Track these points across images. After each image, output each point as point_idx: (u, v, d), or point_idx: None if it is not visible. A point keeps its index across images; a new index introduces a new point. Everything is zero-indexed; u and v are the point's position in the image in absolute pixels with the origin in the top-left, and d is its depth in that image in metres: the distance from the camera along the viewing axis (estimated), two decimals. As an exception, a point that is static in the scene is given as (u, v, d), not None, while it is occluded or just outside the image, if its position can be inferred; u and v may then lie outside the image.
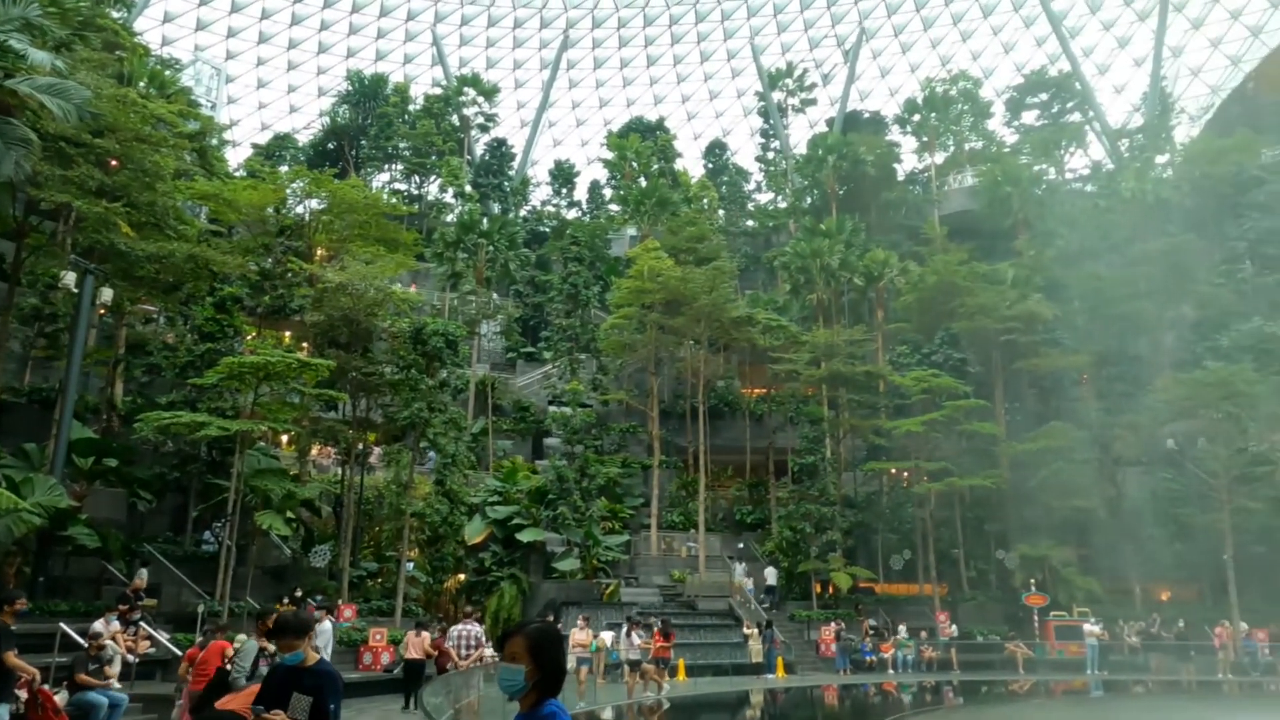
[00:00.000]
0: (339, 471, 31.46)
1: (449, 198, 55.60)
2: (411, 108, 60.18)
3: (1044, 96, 57.85)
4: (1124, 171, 48.18)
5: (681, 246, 43.17)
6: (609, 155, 57.97)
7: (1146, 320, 41.00)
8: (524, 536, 32.29)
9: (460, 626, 20.13)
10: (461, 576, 32.29)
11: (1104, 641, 32.25)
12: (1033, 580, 35.40)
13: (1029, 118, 58.17)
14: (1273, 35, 58.86)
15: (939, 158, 55.41)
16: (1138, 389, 39.01)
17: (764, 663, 28.88)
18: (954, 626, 34.34)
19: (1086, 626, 32.28)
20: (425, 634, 19.39)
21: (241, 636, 13.09)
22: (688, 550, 37.90)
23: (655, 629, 23.09)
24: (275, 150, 56.40)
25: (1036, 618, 34.47)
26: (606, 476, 37.10)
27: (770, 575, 35.83)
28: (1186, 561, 36.11)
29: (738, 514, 41.42)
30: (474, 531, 32.24)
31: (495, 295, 48.13)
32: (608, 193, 61.16)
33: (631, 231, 54.34)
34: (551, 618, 28.51)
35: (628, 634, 23.49)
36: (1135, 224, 44.16)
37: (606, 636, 23.65)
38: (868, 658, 31.90)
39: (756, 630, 29.72)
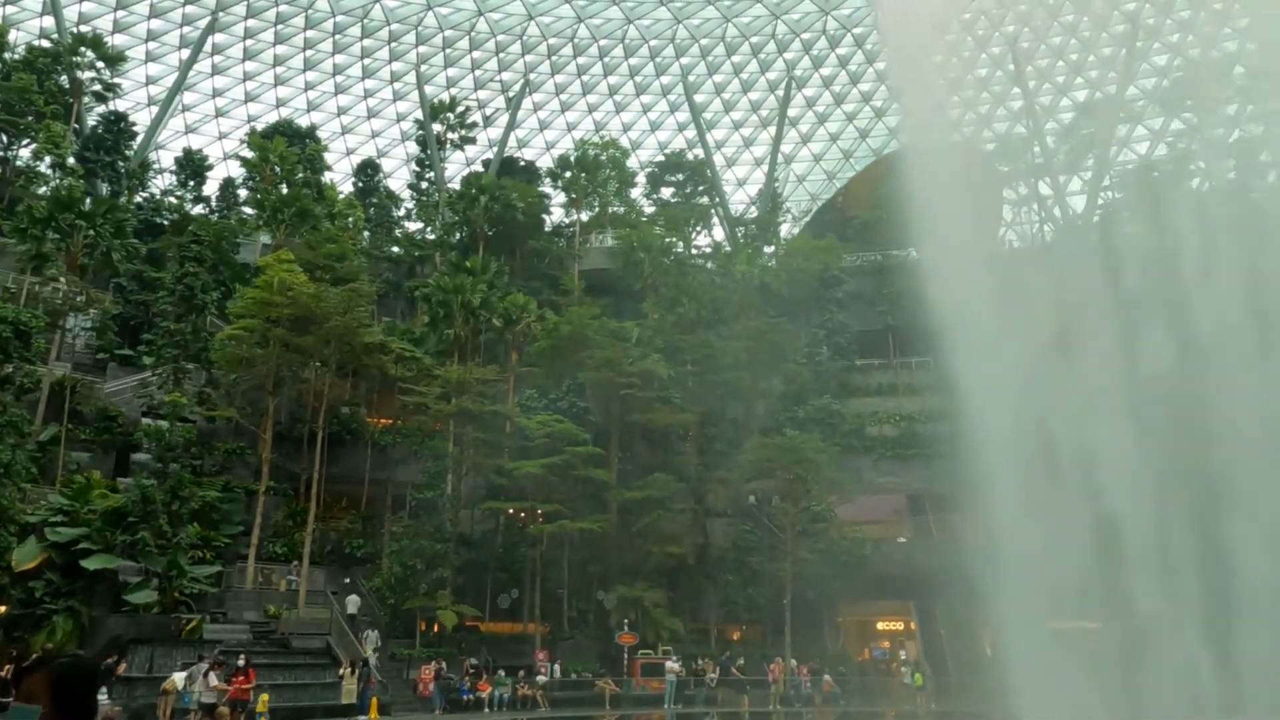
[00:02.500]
0: None
1: (44, 167, 48.09)
2: (8, 55, 51.48)
3: (680, 177, 63.61)
4: (738, 255, 54.27)
5: (319, 262, 41.07)
6: (249, 154, 53.85)
7: (744, 389, 46.21)
8: (91, 564, 28.14)
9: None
10: (2, 608, 27.36)
11: (681, 678, 35.18)
12: (626, 620, 37.75)
13: (666, 193, 63.54)
14: (861, 160, 70.25)
15: (584, 215, 58.51)
16: (731, 448, 43.75)
17: (357, 703, 27.72)
18: (541, 668, 35.44)
19: (668, 664, 35.03)
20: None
21: None
22: (287, 584, 35.50)
23: (236, 669, 21.27)
24: None
25: (626, 655, 36.77)
26: (203, 500, 33.75)
27: (352, 604, 34.64)
28: (755, 604, 40.79)
29: (348, 547, 39.65)
30: (26, 556, 27.51)
31: (90, 287, 42.21)
32: (243, 194, 56.63)
33: (265, 239, 50.68)
34: (115, 657, 25.15)
35: (206, 674, 21.39)
36: (743, 302, 49.89)
37: (179, 678, 21.34)
38: (465, 696, 31.90)
39: (351, 669, 28.49)
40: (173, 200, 55.10)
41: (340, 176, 65.34)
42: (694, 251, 57.99)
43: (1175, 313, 25.47)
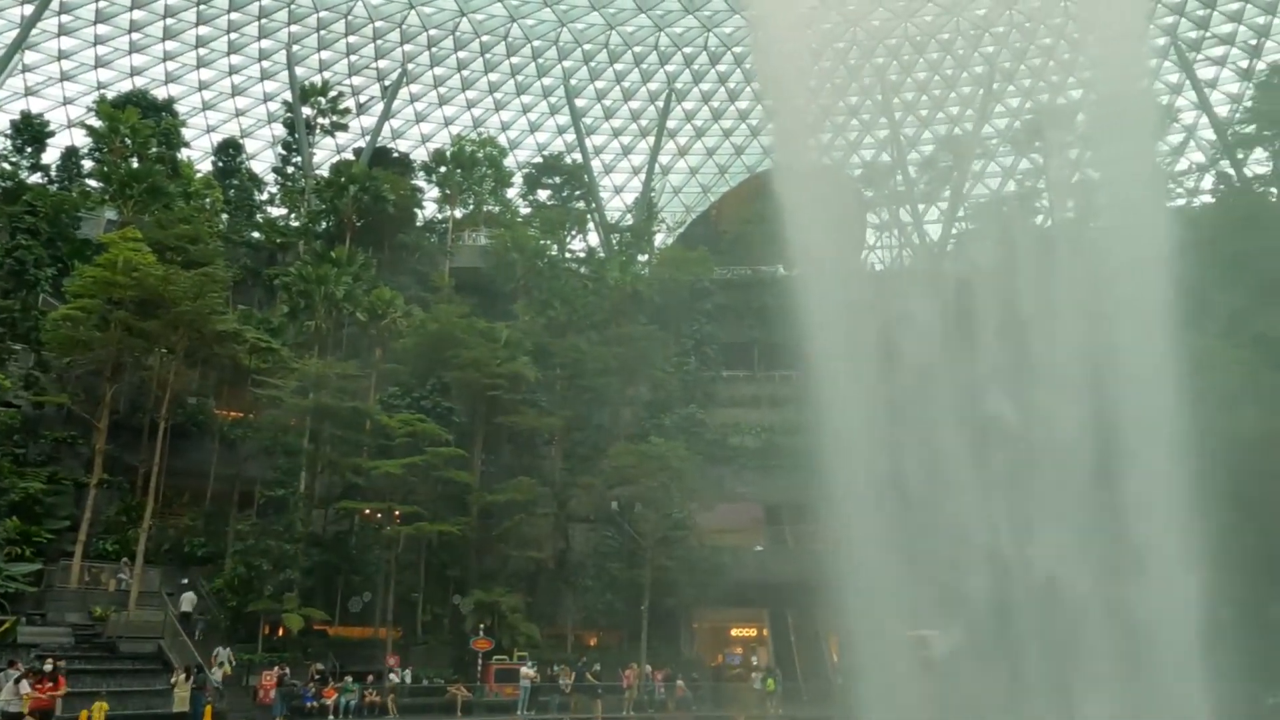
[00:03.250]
0: None
1: None
2: None
3: (558, 180, 63.31)
4: (612, 262, 54.45)
5: (170, 243, 38.65)
6: (97, 123, 50.14)
7: (611, 395, 46.37)
8: (-112, 559, 25.61)
9: None
10: None
11: (536, 683, 34.88)
12: (482, 625, 37.11)
13: (542, 195, 63.08)
14: (736, 176, 71.88)
15: (458, 212, 57.45)
16: (596, 454, 43.80)
17: (189, 711, 26.17)
18: (395, 672, 34.53)
19: (523, 670, 34.69)
20: None
21: None
22: (117, 583, 33.21)
23: (42, 675, 19.70)
24: None
25: (481, 661, 36.18)
26: (25, 492, 31.27)
27: (186, 601, 32.81)
28: (613, 610, 40.92)
29: (188, 545, 37.42)
30: None
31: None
32: (88, 165, 52.77)
33: (110, 215, 47.29)
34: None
35: (17, 681, 19.73)
36: (615, 309, 50.11)
37: (-14, 685, 19.61)
38: (308, 703, 30.66)
39: (186, 675, 26.87)
40: (6, 166, 50.84)
41: (199, 155, 61.85)
42: (568, 255, 57.81)
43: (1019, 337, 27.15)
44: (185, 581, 34.64)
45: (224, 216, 53.96)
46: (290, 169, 59.67)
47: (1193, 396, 23.22)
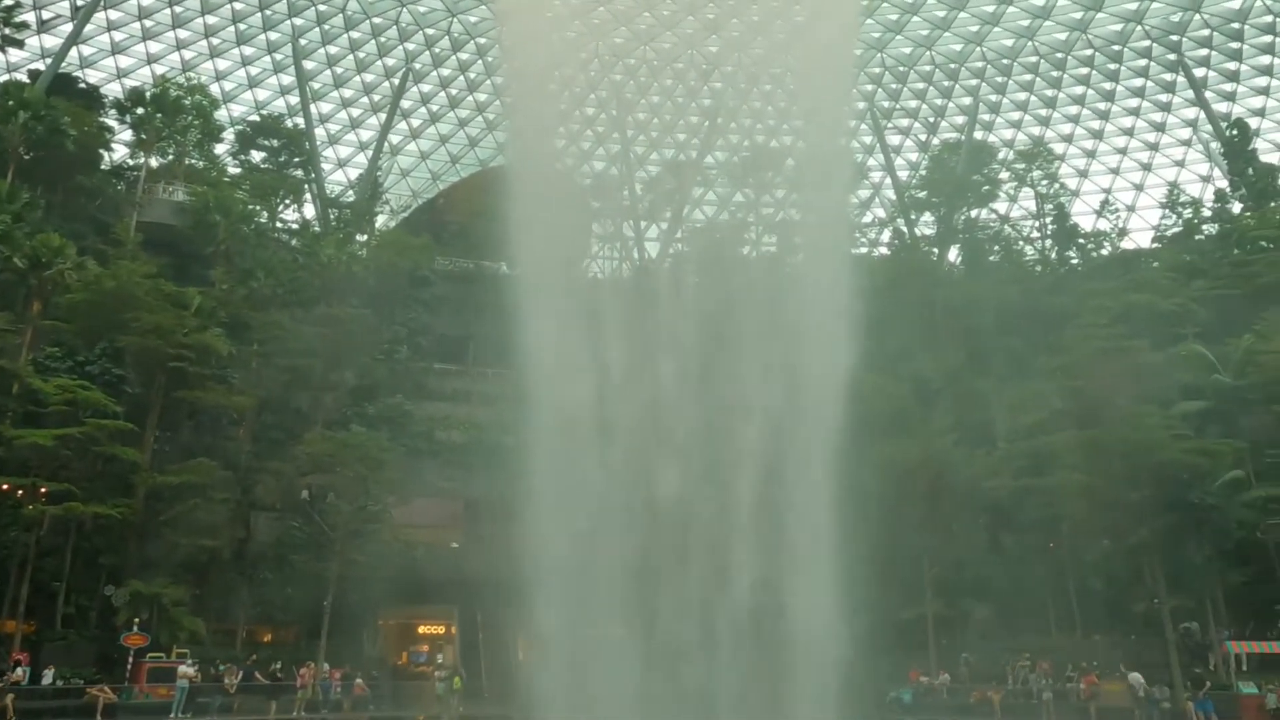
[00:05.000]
0: None
1: None
2: None
3: (275, 143, 59.16)
4: (328, 238, 51.71)
5: None
6: None
7: (313, 378, 43.87)
8: None
9: None
10: None
11: (195, 683, 32.05)
12: (138, 620, 33.54)
13: (256, 157, 58.69)
14: (467, 167, 70.90)
15: (154, 161, 51.89)
16: (290, 439, 41.23)
17: None
18: (21, 670, 30.35)
19: (182, 668, 31.77)
20: None
21: None
22: None
23: None
24: None
25: (133, 659, 32.66)
26: None
27: None
28: (293, 605, 38.63)
29: None
30: None
31: None
32: None
33: None
34: None
35: None
36: (326, 287, 47.59)
37: None
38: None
39: None
40: None
41: None
42: (279, 225, 54.12)
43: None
44: None
45: None
46: (-58, 81, 50.79)
47: (855, 424, 26.11)
